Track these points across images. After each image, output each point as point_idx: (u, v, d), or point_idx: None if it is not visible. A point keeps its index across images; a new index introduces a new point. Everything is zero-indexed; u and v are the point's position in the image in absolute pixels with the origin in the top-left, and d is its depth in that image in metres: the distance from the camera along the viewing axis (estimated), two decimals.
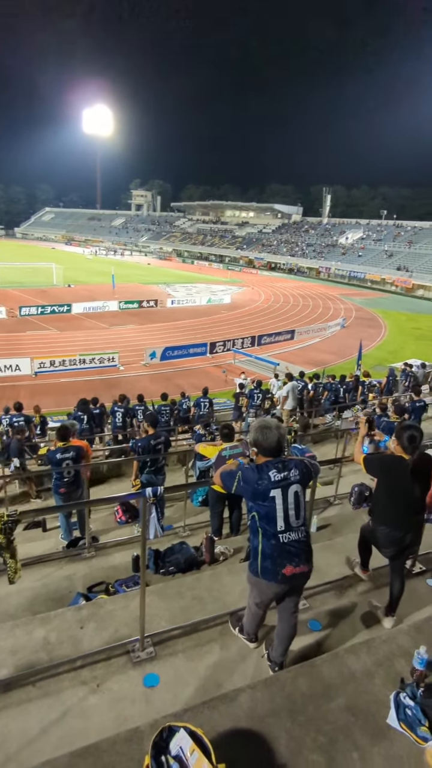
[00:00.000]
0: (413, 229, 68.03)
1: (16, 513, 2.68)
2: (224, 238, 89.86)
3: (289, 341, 27.04)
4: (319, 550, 4.26)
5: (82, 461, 5.70)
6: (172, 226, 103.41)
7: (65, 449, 5.62)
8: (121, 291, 40.31)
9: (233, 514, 5.44)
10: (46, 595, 4.00)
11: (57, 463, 5.57)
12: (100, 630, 3.15)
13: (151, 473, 6.12)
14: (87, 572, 4.47)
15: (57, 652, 2.94)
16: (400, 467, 3.09)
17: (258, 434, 2.61)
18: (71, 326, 27.77)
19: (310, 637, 3.19)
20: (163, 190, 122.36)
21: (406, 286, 55.75)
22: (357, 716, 2.39)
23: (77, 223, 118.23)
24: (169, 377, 19.75)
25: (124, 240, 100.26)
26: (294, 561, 2.53)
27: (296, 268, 71.03)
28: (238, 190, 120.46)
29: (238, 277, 63.64)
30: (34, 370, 18.91)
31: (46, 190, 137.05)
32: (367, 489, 6.24)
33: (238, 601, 3.40)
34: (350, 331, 31.07)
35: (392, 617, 3.33)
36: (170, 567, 4.41)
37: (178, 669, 2.86)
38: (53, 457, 5.58)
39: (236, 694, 2.47)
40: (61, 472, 5.60)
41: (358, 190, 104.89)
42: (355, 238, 72.87)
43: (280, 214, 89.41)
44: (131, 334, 26.86)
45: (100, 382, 18.51)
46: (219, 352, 23.54)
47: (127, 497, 4.83)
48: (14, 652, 2.94)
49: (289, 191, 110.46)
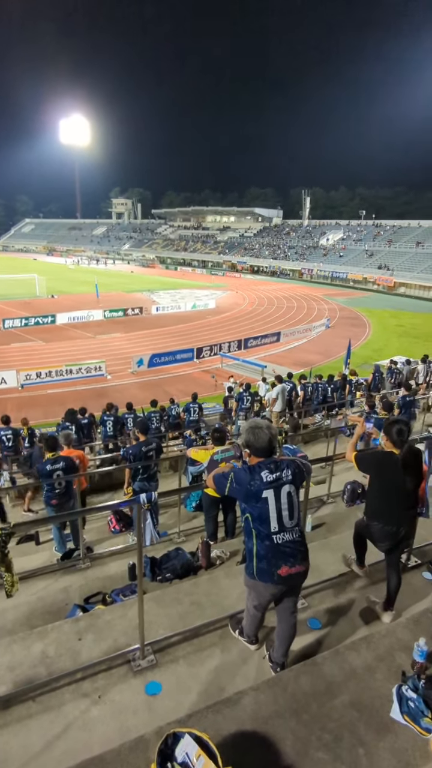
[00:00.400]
0: (392, 228, 69.06)
1: (10, 526, 2.64)
2: (206, 243, 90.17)
3: (275, 343, 27.20)
4: (314, 549, 4.27)
5: (74, 471, 5.65)
6: (153, 233, 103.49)
7: (54, 460, 5.57)
8: (105, 300, 40.15)
9: (228, 518, 5.43)
10: (42, 609, 3.94)
11: (47, 474, 5.51)
12: (98, 641, 3.12)
13: (144, 480, 6.09)
14: (83, 583, 4.42)
15: (56, 665, 2.90)
16: (392, 462, 3.13)
17: (249, 435, 2.62)
18: (56, 337, 27.58)
19: (311, 636, 3.20)
20: (143, 197, 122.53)
21: (387, 285, 56.50)
22: (361, 712, 2.40)
23: (58, 233, 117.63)
24: (158, 384, 19.71)
25: (106, 249, 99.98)
26: (289, 561, 2.54)
27: (279, 270, 71.51)
28: (218, 196, 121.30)
29: (222, 281, 63.85)
30: (21, 383, 18.73)
31: (25, 202, 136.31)
32: (360, 486, 6.29)
33: (236, 604, 3.39)
34: (335, 331, 31.36)
35: (391, 612, 3.35)
36: (167, 574, 4.38)
37: (179, 675, 2.84)
38: (43, 469, 5.52)
39: (239, 697, 2.46)
40: (51, 484, 5.54)
41: (337, 191, 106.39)
42: (336, 239, 73.69)
43: (261, 217, 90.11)
44: (117, 343, 26.76)
45: (87, 392, 18.39)
46: (206, 357, 23.57)
47: (120, 505, 4.79)
48: (12, 668, 2.89)
49: (269, 195, 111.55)
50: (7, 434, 9.24)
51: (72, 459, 5.70)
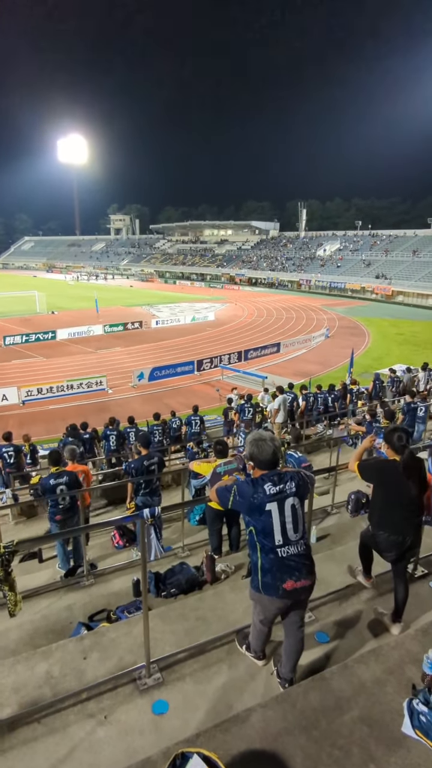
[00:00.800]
0: (388, 238, 69.64)
1: (13, 544, 2.62)
2: (204, 256, 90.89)
3: (275, 354, 27.25)
4: (320, 560, 4.23)
5: (78, 486, 5.63)
6: (152, 248, 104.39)
7: (58, 474, 5.55)
8: (105, 314, 40.34)
9: (232, 531, 5.39)
10: (46, 628, 3.90)
11: (51, 489, 5.49)
12: (104, 659, 3.07)
13: (146, 495, 6.06)
14: (87, 601, 4.38)
15: (61, 685, 2.86)
16: (394, 470, 3.12)
17: (253, 447, 2.61)
18: (57, 353, 27.66)
19: (319, 650, 3.15)
20: (141, 213, 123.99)
21: (386, 293, 56.77)
22: (371, 727, 2.35)
23: (57, 250, 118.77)
24: (159, 397, 19.71)
25: (105, 264, 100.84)
26: (294, 575, 2.51)
27: (277, 281, 71.95)
28: (215, 210, 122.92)
29: (221, 294, 64.23)
30: (22, 399, 18.73)
31: (25, 220, 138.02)
32: (364, 496, 6.25)
33: (243, 618, 3.35)
34: (335, 340, 31.43)
35: (399, 623, 3.31)
36: (172, 589, 4.33)
37: (186, 693, 2.80)
38: (46, 484, 5.50)
39: (248, 714, 2.42)
40: (56, 499, 5.51)
41: (332, 203, 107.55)
42: (333, 250, 74.28)
43: (258, 230, 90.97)
44: (118, 357, 26.83)
45: (89, 407, 18.39)
46: (206, 369, 23.60)
47: (123, 520, 4.76)
48: (17, 689, 2.85)
49: (265, 208, 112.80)
50: (9, 451, 9.22)
51: (76, 474, 5.68)
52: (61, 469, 5.64)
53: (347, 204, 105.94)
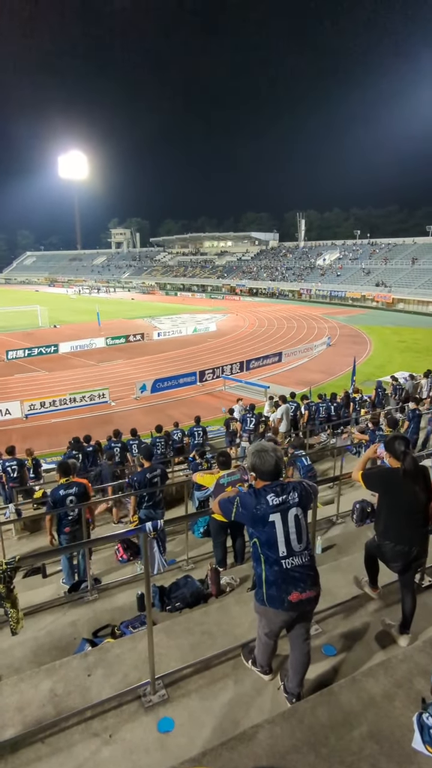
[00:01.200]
0: (387, 246, 70.02)
1: (15, 560, 2.61)
2: (205, 268, 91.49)
3: (277, 364, 27.27)
4: (326, 571, 4.20)
5: (87, 497, 5.62)
6: (153, 261, 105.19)
7: (68, 485, 5.53)
8: (107, 327, 40.54)
9: (236, 543, 5.34)
10: (50, 644, 3.86)
11: (61, 500, 5.46)
12: (108, 676, 3.03)
13: (150, 508, 6.02)
14: (91, 616, 4.33)
15: (65, 704, 2.82)
16: (398, 479, 3.10)
17: (255, 458, 2.60)
18: (59, 366, 27.76)
19: (326, 663, 3.10)
20: (141, 226, 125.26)
21: (386, 301, 56.92)
22: (381, 743, 2.30)
23: (59, 264, 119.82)
24: (162, 409, 19.70)
25: (106, 277, 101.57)
26: (299, 587, 2.48)
27: (278, 291, 72.27)
28: (215, 222, 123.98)
29: (222, 304, 64.51)
30: (25, 413, 18.75)
31: (27, 236, 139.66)
32: (369, 505, 6.20)
33: (248, 632, 3.31)
34: (336, 349, 31.46)
35: (407, 635, 3.25)
36: (176, 603, 4.29)
37: (192, 710, 2.75)
38: (56, 495, 5.48)
39: (255, 731, 2.38)
40: (65, 511, 5.48)
41: (331, 212, 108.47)
42: (333, 259, 74.68)
43: (258, 241, 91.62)
44: (120, 369, 26.89)
45: (92, 420, 18.39)
46: (209, 380, 23.61)
47: (126, 534, 4.73)
48: (21, 708, 2.81)
49: (264, 219, 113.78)
50: (12, 465, 9.21)
51: (85, 485, 5.66)
52: (71, 479, 5.63)
53: (345, 213, 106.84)
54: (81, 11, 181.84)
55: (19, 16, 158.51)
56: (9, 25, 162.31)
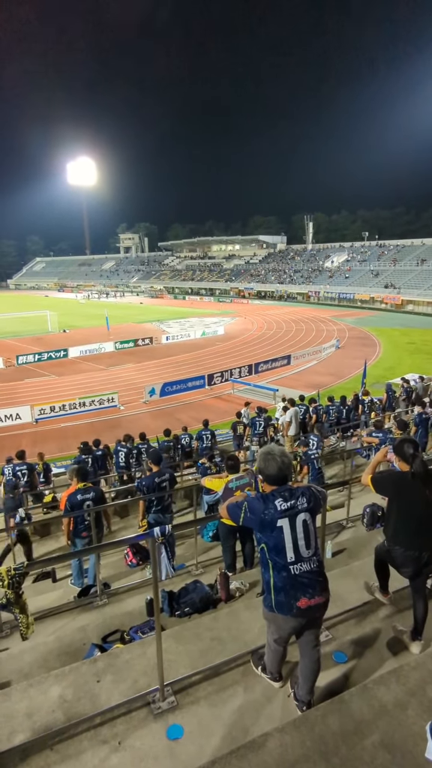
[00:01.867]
0: (396, 248, 69.63)
1: (23, 566, 2.61)
2: (213, 271, 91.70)
3: (286, 366, 27.19)
4: (336, 576, 4.15)
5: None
6: (161, 265, 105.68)
7: (85, 490, 5.56)
8: (115, 332, 40.76)
9: (246, 547, 5.31)
10: (59, 650, 3.86)
11: (78, 505, 5.49)
12: (117, 682, 3.02)
13: (158, 512, 6.01)
14: (100, 621, 4.33)
15: (74, 710, 2.81)
16: (408, 482, 3.06)
17: (262, 462, 2.59)
18: (69, 370, 27.94)
19: (336, 670, 3.06)
20: (149, 231, 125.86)
21: (395, 303, 56.55)
22: (393, 753, 2.26)
23: (68, 269, 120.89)
24: (170, 412, 19.73)
25: (115, 282, 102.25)
26: (308, 593, 2.45)
27: (286, 294, 72.17)
28: (223, 225, 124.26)
29: (230, 308, 64.55)
30: (35, 418, 18.89)
31: (36, 241, 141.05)
32: (380, 509, 6.13)
33: (258, 638, 3.28)
34: (346, 351, 31.30)
35: (419, 641, 3.20)
36: (186, 608, 4.27)
37: (201, 717, 2.73)
38: (74, 500, 5.51)
39: (264, 740, 2.35)
40: (82, 515, 5.51)
41: (339, 215, 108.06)
42: (341, 261, 74.43)
43: (265, 244, 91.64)
44: (129, 373, 27.00)
45: (101, 424, 18.47)
46: (217, 384, 23.61)
47: (135, 539, 4.71)
48: (30, 714, 2.80)
49: (272, 222, 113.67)
50: (23, 469, 9.26)
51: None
52: (88, 484, 5.66)
53: (353, 216, 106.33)
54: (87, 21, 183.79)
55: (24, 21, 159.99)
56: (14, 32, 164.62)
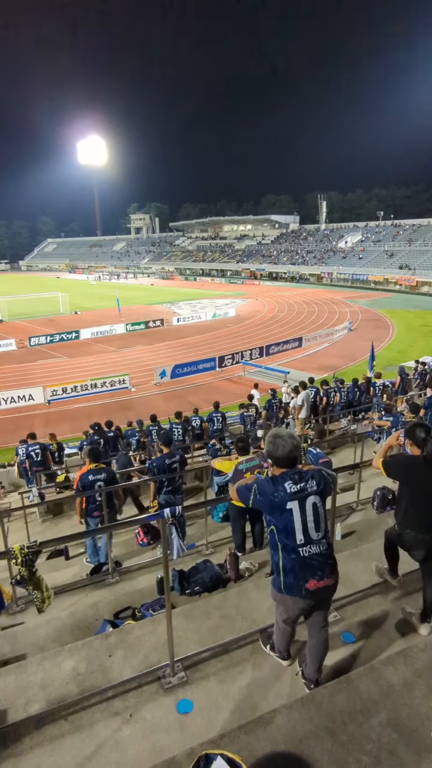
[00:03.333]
0: (412, 227, 67.98)
1: (36, 544, 2.66)
2: (224, 252, 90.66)
3: (297, 349, 27.00)
4: (345, 558, 4.17)
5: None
6: (172, 246, 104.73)
7: (97, 470, 5.63)
8: (127, 313, 40.74)
9: (255, 528, 5.36)
10: (72, 625, 3.95)
11: (90, 485, 5.57)
12: (129, 657, 3.09)
13: (169, 493, 6.08)
14: (112, 598, 4.42)
15: (87, 683, 2.89)
16: (420, 466, 3.03)
17: (270, 445, 2.58)
18: (81, 352, 28.09)
19: (345, 650, 3.10)
20: (160, 211, 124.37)
21: (410, 284, 55.49)
22: (400, 732, 2.29)
23: (79, 251, 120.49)
24: (181, 394, 19.79)
25: (126, 263, 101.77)
26: (317, 575, 2.46)
27: (298, 275, 71.21)
28: (234, 205, 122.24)
29: (241, 289, 63.99)
30: (47, 399, 19.09)
31: (47, 222, 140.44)
32: (390, 492, 6.12)
33: (267, 617, 3.32)
34: (358, 333, 30.92)
35: (428, 623, 3.22)
36: (196, 587, 4.34)
37: (211, 693, 2.79)
38: (86, 480, 5.59)
39: (272, 716, 2.39)
40: (94, 495, 5.60)
41: (353, 194, 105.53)
42: (355, 241, 72.99)
43: (278, 224, 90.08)
44: (140, 355, 27.06)
45: (113, 405, 18.62)
46: (228, 366, 23.57)
47: (146, 519, 4.78)
48: (45, 686, 2.89)
49: (285, 201, 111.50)
50: (36, 449, 9.41)
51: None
52: (100, 465, 5.73)
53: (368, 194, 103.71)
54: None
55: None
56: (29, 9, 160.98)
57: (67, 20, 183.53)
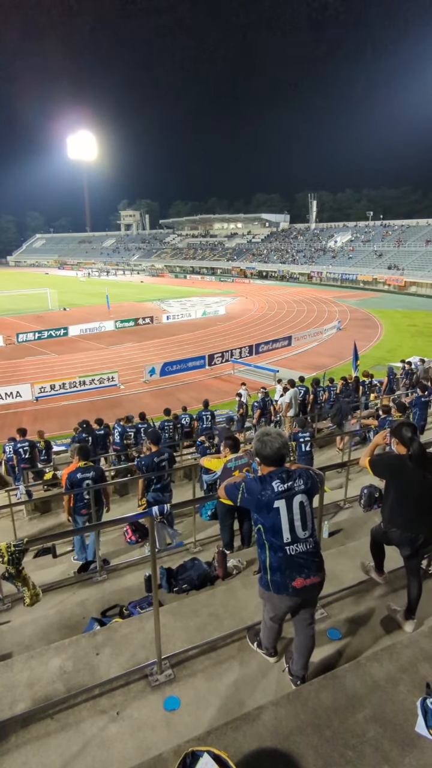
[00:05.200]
0: (401, 228, 68.60)
1: (23, 542, 2.64)
2: (214, 250, 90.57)
3: (287, 347, 27.11)
4: (332, 556, 4.21)
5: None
6: (162, 243, 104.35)
7: (86, 469, 5.60)
8: (116, 310, 40.51)
9: (243, 526, 5.38)
10: (59, 623, 3.94)
11: (78, 483, 5.54)
12: (116, 655, 3.09)
13: (158, 491, 6.07)
14: (100, 596, 4.41)
15: (74, 681, 2.88)
16: (405, 465, 3.07)
17: (258, 444, 2.59)
18: (69, 349, 27.87)
19: (331, 647, 3.13)
20: (151, 208, 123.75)
21: (398, 284, 56.02)
22: (384, 727, 2.32)
23: (68, 247, 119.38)
24: (170, 392, 19.75)
25: (115, 260, 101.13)
26: (304, 573, 2.48)
27: (288, 274, 71.43)
28: (225, 203, 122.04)
29: (231, 287, 64.01)
30: (35, 396, 18.93)
31: (36, 217, 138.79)
32: (377, 490, 6.18)
33: (254, 614, 3.34)
34: (347, 333, 31.13)
35: (413, 620, 3.26)
36: (184, 585, 4.34)
37: (198, 690, 2.80)
38: (74, 478, 5.56)
39: (259, 712, 2.41)
40: (82, 493, 5.57)
41: (343, 193, 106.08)
42: (344, 241, 73.43)
43: (268, 222, 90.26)
44: (129, 353, 26.93)
45: (101, 403, 18.52)
46: (218, 364, 23.57)
47: (134, 517, 4.76)
48: (31, 684, 2.88)
49: (275, 200, 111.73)
50: (24, 446, 9.32)
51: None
52: (89, 463, 5.69)
53: (358, 195, 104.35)
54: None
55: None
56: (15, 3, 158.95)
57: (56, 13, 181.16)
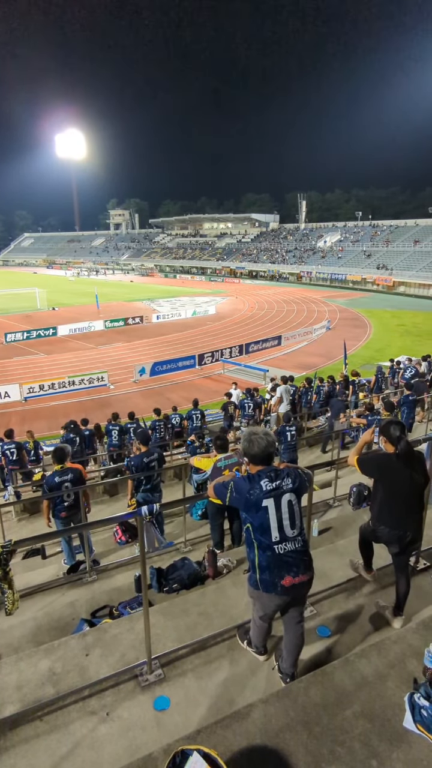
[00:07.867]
0: (389, 228, 69.18)
1: (11, 543, 2.62)
2: (204, 250, 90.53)
3: (276, 347, 27.19)
4: (322, 554, 4.24)
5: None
6: (152, 243, 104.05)
7: (63, 471, 5.55)
8: (105, 310, 40.29)
9: (234, 525, 5.38)
10: (49, 625, 3.91)
11: (56, 486, 5.49)
12: (106, 656, 3.08)
13: (147, 491, 6.05)
14: (90, 597, 4.39)
15: (63, 682, 2.86)
16: (394, 464, 3.09)
17: (246, 443, 2.60)
18: (58, 349, 27.66)
19: (320, 644, 3.15)
20: (140, 208, 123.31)
21: (387, 284, 56.50)
22: (373, 722, 2.35)
23: (57, 246, 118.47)
24: (160, 392, 19.71)
25: (105, 260, 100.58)
26: (292, 571, 2.49)
27: (278, 274, 71.65)
28: (215, 203, 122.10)
29: (221, 287, 64.04)
30: (24, 396, 18.75)
31: (24, 216, 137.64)
32: (366, 488, 6.23)
33: (244, 613, 3.35)
34: (336, 332, 31.31)
35: (401, 617, 3.30)
36: (174, 584, 4.34)
37: (188, 689, 2.80)
38: (52, 481, 5.50)
39: (249, 710, 2.42)
40: (61, 496, 5.52)
41: (332, 194, 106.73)
42: (334, 241, 73.86)
43: (258, 222, 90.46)
44: (119, 353, 26.81)
45: (91, 403, 18.42)
46: (208, 364, 23.57)
47: (123, 517, 4.74)
48: (20, 686, 2.85)
49: (265, 200, 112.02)
50: (11, 448, 9.23)
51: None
52: (66, 466, 5.64)
53: (347, 195, 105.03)
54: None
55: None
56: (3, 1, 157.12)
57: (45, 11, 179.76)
